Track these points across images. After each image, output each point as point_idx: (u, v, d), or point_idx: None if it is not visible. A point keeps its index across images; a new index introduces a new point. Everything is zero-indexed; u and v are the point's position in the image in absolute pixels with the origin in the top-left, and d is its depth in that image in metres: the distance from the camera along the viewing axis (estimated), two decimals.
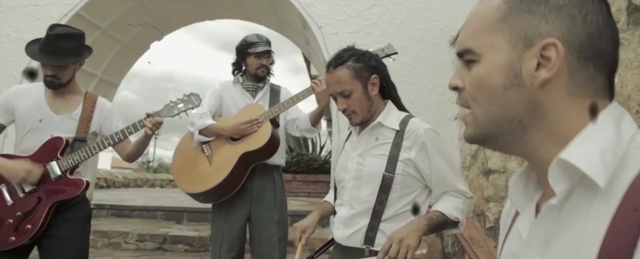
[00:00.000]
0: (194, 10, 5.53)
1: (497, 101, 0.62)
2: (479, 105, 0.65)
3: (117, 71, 5.60)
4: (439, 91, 4.09)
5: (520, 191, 0.69)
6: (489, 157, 3.21)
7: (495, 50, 0.63)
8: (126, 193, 8.89)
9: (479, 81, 0.64)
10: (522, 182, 0.69)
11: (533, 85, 0.60)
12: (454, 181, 1.67)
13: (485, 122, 0.65)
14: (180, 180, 2.70)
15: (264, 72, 2.84)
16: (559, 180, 0.56)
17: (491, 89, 0.63)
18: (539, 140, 0.62)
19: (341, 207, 1.76)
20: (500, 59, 0.62)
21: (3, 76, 4.28)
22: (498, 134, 0.64)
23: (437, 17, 4.20)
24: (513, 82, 0.61)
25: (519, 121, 0.62)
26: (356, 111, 1.71)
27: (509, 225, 0.74)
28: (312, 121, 2.78)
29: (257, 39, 2.87)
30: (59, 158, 2.27)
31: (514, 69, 0.61)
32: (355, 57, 1.72)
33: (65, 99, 2.39)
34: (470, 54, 0.65)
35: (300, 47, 6.20)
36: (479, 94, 0.64)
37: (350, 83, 1.69)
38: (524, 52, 0.61)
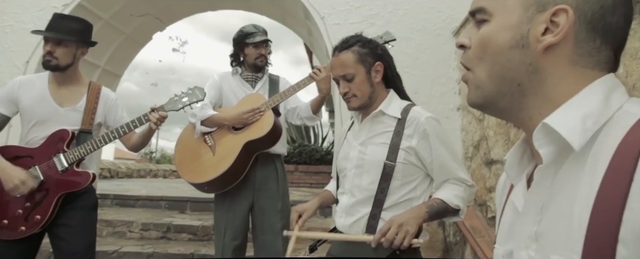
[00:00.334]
0: (196, 0, 5.51)
1: (500, 59, 0.64)
2: (482, 64, 0.66)
3: (120, 61, 5.59)
4: (442, 81, 4.08)
5: (515, 164, 0.71)
6: (491, 148, 3.21)
7: (508, 11, 0.64)
8: (130, 183, 8.94)
9: (486, 39, 0.65)
10: (518, 155, 0.71)
11: (537, 49, 0.62)
12: (455, 169, 1.69)
13: (486, 82, 0.66)
14: (184, 171, 2.71)
15: (262, 62, 2.87)
16: (542, 143, 0.59)
17: (496, 47, 0.64)
18: (535, 105, 0.64)
19: (343, 195, 1.78)
20: (510, 20, 0.64)
21: (7, 67, 4.28)
22: (497, 96, 0.66)
23: (440, 8, 4.18)
24: (518, 42, 0.63)
25: (518, 83, 0.64)
26: (357, 95, 1.73)
27: (505, 199, 0.76)
28: (314, 109, 2.81)
29: (254, 29, 2.89)
30: (65, 151, 2.30)
31: (521, 31, 0.63)
32: (362, 43, 1.75)
33: (69, 90, 2.41)
34: (482, 13, 0.67)
35: (302, 38, 6.19)
36: (484, 52, 0.66)
37: (353, 67, 1.72)
38: (535, 16, 0.62)
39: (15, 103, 2.37)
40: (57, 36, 2.29)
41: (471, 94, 0.69)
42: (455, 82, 4.06)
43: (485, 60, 0.66)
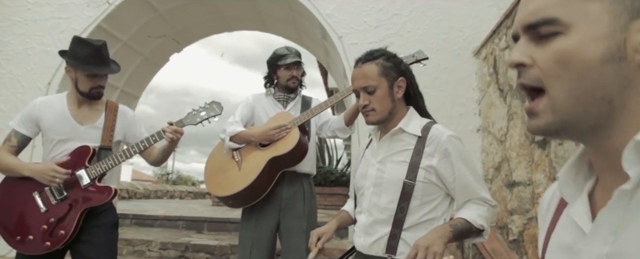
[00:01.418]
0: (212, 22, 5.57)
1: (590, 76, 0.55)
2: (562, 84, 0.57)
3: (138, 82, 5.66)
4: (462, 102, 4.02)
5: (571, 181, 0.66)
6: (513, 169, 3.13)
7: (591, 20, 0.56)
8: (147, 204, 9.08)
9: (567, 55, 0.56)
10: (572, 172, 0.66)
11: (635, 61, 0.54)
12: (478, 189, 1.64)
13: (570, 104, 0.57)
14: (211, 185, 2.80)
15: (295, 84, 2.90)
16: (634, 163, 0.52)
17: (584, 63, 0.55)
18: (620, 123, 0.56)
19: (361, 214, 1.73)
20: (598, 30, 0.55)
21: (30, 88, 4.34)
22: (582, 119, 0.57)
23: (460, 27, 4.15)
24: (614, 55, 0.54)
25: (609, 100, 0.56)
26: (376, 109, 1.68)
27: (552, 217, 0.71)
28: (347, 120, 2.80)
29: (287, 51, 2.93)
30: (87, 166, 2.34)
31: (616, 41, 0.55)
32: (386, 57, 1.71)
33: (88, 109, 2.47)
34: (552, 25, 0.58)
35: (318, 58, 6.21)
36: (565, 70, 0.56)
37: (376, 79, 1.67)
38: (630, 24, 0.54)
39: (36, 124, 2.41)
40: (113, 72, 2.44)
41: (543, 120, 0.60)
42: (475, 103, 3.99)
43: (566, 79, 0.57)
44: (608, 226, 0.55)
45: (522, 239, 2.87)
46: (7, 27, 4.54)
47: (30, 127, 2.42)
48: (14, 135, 2.41)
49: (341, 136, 2.92)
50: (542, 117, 0.60)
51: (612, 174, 0.57)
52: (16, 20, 4.55)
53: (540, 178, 2.66)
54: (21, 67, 4.46)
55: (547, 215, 0.74)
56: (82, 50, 2.35)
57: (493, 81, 3.64)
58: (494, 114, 3.60)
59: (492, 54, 3.66)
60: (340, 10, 4.34)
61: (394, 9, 4.27)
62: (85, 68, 2.34)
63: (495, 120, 3.57)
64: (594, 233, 0.57)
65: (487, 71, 3.79)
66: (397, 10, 4.27)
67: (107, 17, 4.50)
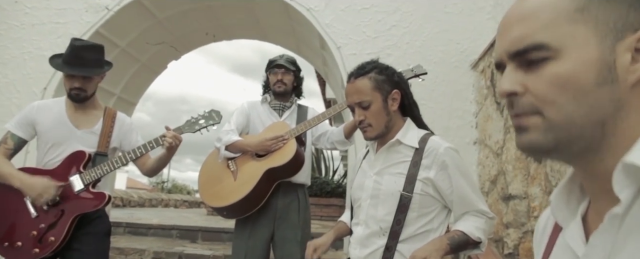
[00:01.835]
0: (211, 30, 5.57)
1: (586, 100, 0.54)
2: (558, 109, 0.56)
3: (135, 89, 5.64)
4: (459, 114, 4.02)
5: (563, 205, 0.65)
6: (509, 183, 3.13)
7: (580, 44, 0.55)
8: (141, 212, 9.03)
9: (562, 80, 0.55)
10: (564, 195, 0.65)
11: (626, 81, 0.54)
12: (475, 201, 1.63)
13: (566, 126, 0.56)
14: (206, 195, 2.76)
15: (281, 88, 2.88)
16: (624, 186, 0.51)
17: (579, 87, 0.54)
18: (612, 146, 0.56)
19: (357, 226, 1.72)
20: (588, 53, 0.55)
21: (26, 93, 4.33)
22: (574, 141, 0.56)
23: (458, 40, 4.15)
24: (607, 78, 0.54)
25: (603, 123, 0.55)
26: (372, 124, 1.68)
27: (547, 242, 0.70)
28: (347, 133, 2.79)
29: (277, 57, 2.96)
30: (81, 171, 2.32)
31: (607, 63, 0.54)
32: (379, 70, 1.70)
33: (86, 113, 2.45)
34: (542, 50, 0.57)
35: (317, 68, 6.22)
36: (561, 94, 0.55)
37: (370, 94, 1.66)
38: (616, 45, 0.54)
39: (33, 126, 2.40)
40: (87, 74, 2.33)
41: (534, 136, 0.58)
42: (472, 116, 3.99)
43: (562, 103, 0.56)
44: (600, 250, 0.54)
45: (518, 252, 2.85)
46: (3, 31, 4.53)
47: (27, 130, 2.40)
48: (10, 137, 2.38)
49: (340, 148, 2.91)
50: (532, 133, 0.59)
51: (605, 197, 0.56)
52: (13, 24, 4.54)
53: (536, 192, 2.65)
54: (17, 72, 4.43)
55: (542, 240, 0.73)
56: (66, 51, 2.33)
57: (490, 94, 3.64)
58: (491, 127, 3.60)
59: (490, 67, 3.67)
60: (340, 21, 4.35)
61: (393, 21, 4.28)
62: (57, 66, 2.33)
63: (492, 133, 3.56)
64: (587, 257, 0.56)
65: (485, 84, 3.79)
66: (395, 21, 4.28)
67: (105, 22, 4.50)
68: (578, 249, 0.59)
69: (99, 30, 4.48)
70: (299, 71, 3.00)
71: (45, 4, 4.56)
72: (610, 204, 0.53)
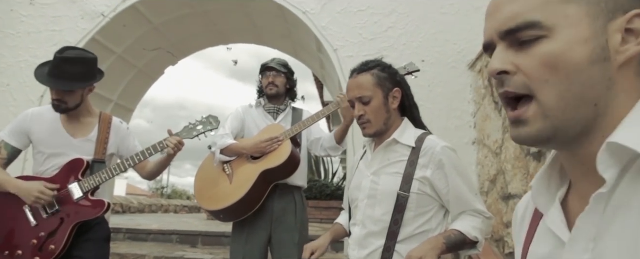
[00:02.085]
0: (208, 34, 5.58)
1: (580, 79, 0.55)
2: (552, 88, 0.56)
3: (133, 96, 5.64)
4: (457, 114, 4.02)
5: (544, 190, 0.65)
6: (509, 182, 3.12)
7: (573, 22, 0.56)
8: (142, 218, 9.05)
9: (554, 58, 0.55)
10: (545, 181, 0.65)
11: (617, 61, 0.55)
12: (472, 200, 1.63)
13: (561, 108, 0.56)
14: (202, 199, 2.76)
15: (272, 90, 2.90)
16: (608, 166, 0.51)
17: (573, 65, 0.55)
18: (602, 127, 0.56)
19: (355, 227, 1.72)
20: (581, 32, 0.55)
21: (22, 101, 4.32)
22: (572, 123, 0.56)
23: (455, 41, 4.15)
24: (600, 56, 0.54)
25: (596, 103, 0.55)
26: (371, 121, 1.68)
27: (528, 229, 0.70)
28: (337, 139, 2.79)
29: (270, 60, 2.99)
30: (80, 179, 2.31)
31: (600, 42, 0.55)
32: (382, 67, 1.71)
33: (80, 122, 2.43)
34: (534, 29, 0.57)
35: (314, 71, 6.22)
36: (554, 74, 0.56)
37: (371, 90, 1.67)
38: (608, 25, 0.55)
39: (27, 136, 2.38)
40: (64, 88, 2.29)
41: (535, 127, 0.58)
42: (471, 116, 3.99)
43: (556, 83, 0.56)
44: (587, 233, 0.54)
45: None
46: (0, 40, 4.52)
47: (21, 140, 2.38)
48: (4, 147, 2.36)
49: (333, 154, 2.92)
50: (533, 124, 0.58)
51: (588, 180, 0.57)
52: (9, 33, 4.53)
53: None
54: (14, 80, 4.42)
55: (522, 227, 0.73)
56: (51, 63, 2.31)
57: (488, 94, 3.65)
58: (490, 127, 3.60)
59: (487, 67, 3.67)
60: (336, 23, 4.35)
61: (389, 22, 4.29)
62: (38, 77, 2.32)
63: (491, 133, 3.56)
64: (574, 241, 0.56)
65: (482, 84, 3.80)
66: (392, 23, 4.28)
67: (101, 29, 4.50)
68: (562, 234, 0.59)
69: (95, 37, 4.48)
70: (291, 73, 3.01)
71: (41, 12, 4.55)
72: (593, 187, 0.53)
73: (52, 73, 2.27)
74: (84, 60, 2.32)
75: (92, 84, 2.41)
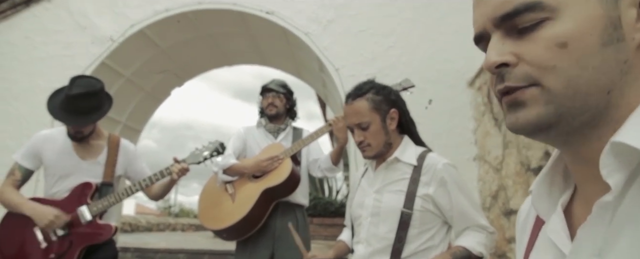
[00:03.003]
0: (213, 56, 5.68)
1: (591, 62, 0.47)
2: (560, 74, 0.48)
3: (140, 117, 5.73)
4: (457, 132, 4.06)
5: (545, 195, 0.58)
6: (510, 198, 3.15)
7: (580, 0, 0.48)
8: (149, 237, 9.07)
9: (563, 41, 0.48)
10: (546, 184, 0.58)
11: (634, 39, 0.48)
12: (475, 216, 1.65)
13: (569, 95, 0.48)
14: (205, 218, 2.79)
15: (272, 111, 2.97)
16: (613, 169, 0.44)
17: (584, 48, 0.47)
18: (614, 119, 0.48)
19: (358, 245, 1.73)
20: (590, 10, 0.48)
21: (35, 124, 4.41)
22: (579, 111, 0.49)
23: (454, 59, 4.22)
24: (613, 36, 0.47)
25: (608, 90, 0.48)
26: (371, 144, 1.70)
27: (529, 235, 0.63)
28: (333, 160, 2.83)
29: (269, 81, 3.06)
30: (88, 203, 2.36)
31: (613, 20, 0.48)
32: (375, 90, 1.72)
33: (90, 144, 2.49)
34: (536, 11, 0.49)
35: (317, 91, 6.28)
36: (562, 58, 0.48)
37: (368, 115, 1.69)
38: (619, 0, 0.48)
39: (39, 158, 2.44)
40: (80, 124, 2.37)
41: (534, 111, 0.50)
42: (471, 133, 4.05)
43: (565, 68, 0.48)
44: (590, 246, 0.47)
45: None
46: (14, 66, 4.64)
47: (34, 161, 2.45)
48: (18, 169, 2.43)
49: (330, 175, 2.96)
50: (532, 107, 0.50)
51: (595, 183, 0.49)
52: (23, 59, 4.66)
53: None
54: (27, 104, 4.53)
55: (524, 232, 0.66)
56: (60, 98, 2.36)
57: (488, 110, 3.69)
58: (490, 143, 3.63)
59: (486, 84, 3.73)
60: (337, 44, 4.44)
61: (389, 42, 4.37)
62: (53, 113, 2.36)
63: (491, 149, 3.59)
64: (574, 254, 0.49)
65: (482, 101, 3.85)
66: (392, 43, 4.37)
67: (110, 53, 4.60)
68: (563, 245, 0.52)
69: (104, 61, 4.58)
70: (290, 93, 3.06)
71: (54, 38, 4.68)
72: (601, 192, 0.46)
73: (66, 109, 2.33)
74: (94, 93, 2.37)
75: (103, 116, 2.46)
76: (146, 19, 4.66)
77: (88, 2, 4.73)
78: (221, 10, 4.64)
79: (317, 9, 4.52)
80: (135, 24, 4.66)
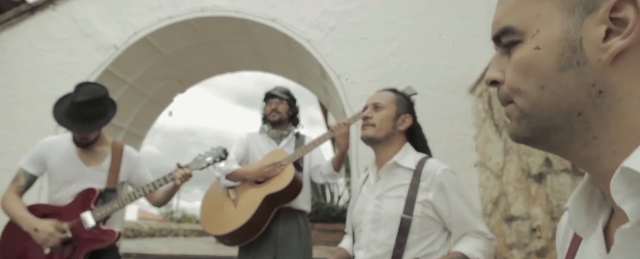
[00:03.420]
0: (215, 63, 5.74)
1: (549, 87, 0.48)
2: (523, 97, 0.51)
3: (143, 123, 5.78)
4: (459, 138, 4.09)
5: (583, 212, 0.54)
6: (511, 204, 3.16)
7: (543, 22, 0.49)
8: (152, 242, 9.13)
9: (524, 66, 0.50)
10: (584, 200, 0.54)
11: (601, 61, 0.46)
12: (474, 222, 1.66)
13: (534, 116, 0.51)
14: (208, 223, 2.80)
15: (275, 117, 2.98)
16: (626, 196, 0.42)
17: (540, 73, 0.49)
18: (606, 140, 0.47)
19: (359, 250, 1.75)
20: (550, 32, 0.48)
21: (39, 130, 4.44)
22: (550, 131, 0.50)
23: (455, 65, 4.25)
24: (570, 60, 0.47)
25: (578, 112, 0.47)
26: (375, 125, 1.77)
27: (567, 251, 0.60)
28: (335, 166, 2.83)
29: (273, 88, 3.09)
30: (92, 209, 2.38)
31: (571, 43, 0.47)
32: (405, 97, 1.88)
33: (94, 151, 2.51)
34: (510, 35, 0.52)
35: (318, 97, 6.32)
36: (524, 81, 0.50)
37: (387, 102, 1.81)
38: (585, 19, 0.47)
39: (44, 164, 2.46)
40: (86, 130, 2.39)
41: (514, 127, 0.54)
42: (472, 139, 4.07)
43: (526, 90, 0.50)
44: None
45: None
46: (19, 73, 4.70)
47: (38, 167, 2.46)
48: (23, 175, 2.44)
49: (331, 181, 2.96)
50: (513, 121, 0.54)
51: None
52: (28, 67, 4.71)
53: (538, 212, 2.68)
54: (31, 111, 4.58)
55: (564, 246, 0.63)
56: (66, 105, 2.39)
57: (488, 117, 3.71)
58: (491, 149, 3.65)
59: (487, 91, 3.75)
60: (338, 51, 4.48)
61: (390, 49, 4.41)
62: (59, 120, 2.38)
63: (492, 155, 3.61)
64: None
65: (483, 107, 3.87)
66: (393, 50, 4.40)
67: (114, 61, 4.66)
68: None
69: (108, 69, 4.63)
70: (293, 100, 3.09)
71: (58, 46, 4.74)
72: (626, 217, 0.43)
73: (72, 116, 2.36)
74: (99, 100, 2.39)
75: (108, 121, 2.48)
76: (149, 27, 4.71)
77: (92, 10, 4.79)
78: (224, 18, 4.69)
79: (319, 16, 4.57)
80: (139, 31, 4.72)
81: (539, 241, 2.63)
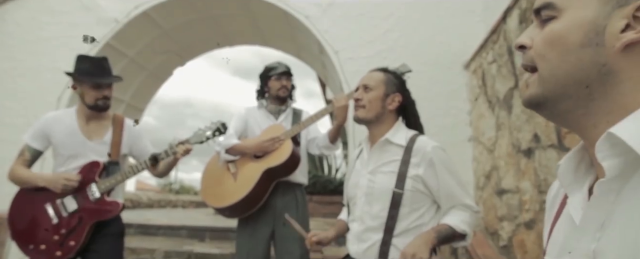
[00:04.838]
0: (214, 37, 5.77)
1: (569, 59, 0.58)
2: (546, 63, 0.61)
3: (143, 96, 5.84)
4: (453, 113, 4.17)
5: (571, 173, 0.64)
6: (502, 178, 3.25)
7: (581, 5, 0.58)
8: (151, 213, 9.19)
9: (553, 37, 0.60)
10: (573, 162, 0.65)
11: (614, 47, 0.55)
12: (461, 195, 1.75)
13: (551, 81, 0.60)
14: (208, 196, 2.86)
15: (285, 93, 3.03)
16: (606, 156, 0.52)
17: (565, 45, 0.59)
18: (603, 112, 0.57)
19: (353, 222, 1.85)
20: (583, 15, 0.58)
21: (40, 103, 4.51)
22: (560, 97, 0.60)
23: (450, 42, 4.31)
24: (592, 40, 0.56)
25: (587, 85, 0.57)
26: (366, 106, 1.85)
27: (557, 210, 0.70)
28: (331, 138, 2.90)
29: (277, 64, 3.10)
30: (97, 181, 2.46)
31: (596, 27, 0.57)
32: (396, 76, 1.92)
33: (96, 124, 2.58)
34: (549, 9, 0.61)
35: (317, 72, 6.36)
36: (550, 50, 0.60)
37: (376, 82, 1.87)
38: (615, 11, 0.56)
39: (48, 138, 2.52)
40: (116, 81, 2.54)
41: (531, 91, 0.63)
42: (466, 114, 4.15)
43: (550, 59, 0.60)
44: (595, 220, 0.54)
45: (512, 244, 2.96)
46: (21, 46, 4.74)
47: (42, 142, 2.51)
48: (27, 149, 2.50)
49: (327, 153, 3.02)
50: (531, 88, 0.63)
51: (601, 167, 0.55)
52: (29, 39, 4.75)
53: (527, 186, 2.76)
54: (33, 83, 4.64)
55: (553, 205, 0.73)
56: (85, 65, 2.46)
57: (482, 93, 3.77)
58: (484, 125, 3.72)
59: (481, 67, 3.81)
60: (336, 27, 4.52)
61: (387, 25, 4.45)
62: (89, 79, 2.44)
63: (485, 130, 3.69)
64: (582, 228, 0.56)
65: (477, 83, 3.93)
66: (390, 26, 4.45)
67: (115, 34, 4.69)
68: (577, 218, 0.59)
69: (109, 42, 4.67)
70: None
71: (59, 19, 4.77)
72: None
73: (97, 73, 2.46)
74: (107, 59, 2.55)
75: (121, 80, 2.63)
76: (150, 0, 4.73)
77: None
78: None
79: None
80: (140, 5, 4.74)
81: (527, 214, 2.73)
